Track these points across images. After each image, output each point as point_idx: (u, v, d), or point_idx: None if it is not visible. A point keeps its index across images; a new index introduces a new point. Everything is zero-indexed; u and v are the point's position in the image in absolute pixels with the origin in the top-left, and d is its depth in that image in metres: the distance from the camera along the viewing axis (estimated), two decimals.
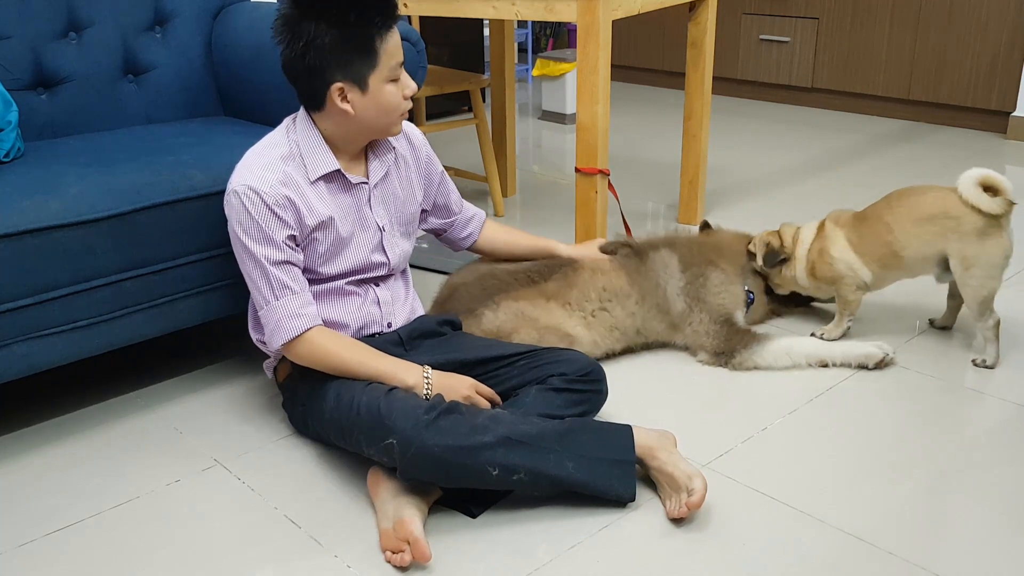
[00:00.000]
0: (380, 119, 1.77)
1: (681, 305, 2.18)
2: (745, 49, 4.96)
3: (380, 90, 1.73)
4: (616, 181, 3.52)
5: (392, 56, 1.72)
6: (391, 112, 1.77)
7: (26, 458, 1.87)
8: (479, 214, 2.18)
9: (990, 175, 1.99)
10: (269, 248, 1.72)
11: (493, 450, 1.55)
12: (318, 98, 1.74)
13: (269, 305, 1.74)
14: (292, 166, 1.76)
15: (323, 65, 1.69)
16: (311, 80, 1.72)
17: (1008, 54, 4.07)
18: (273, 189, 1.72)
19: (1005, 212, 2.01)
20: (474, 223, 2.16)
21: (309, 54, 1.69)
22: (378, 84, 1.72)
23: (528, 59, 5.85)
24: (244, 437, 1.92)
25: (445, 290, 2.20)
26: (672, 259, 2.22)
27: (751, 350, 2.12)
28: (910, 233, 2.10)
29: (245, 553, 1.57)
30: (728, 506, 1.65)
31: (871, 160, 3.86)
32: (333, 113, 1.75)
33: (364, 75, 1.71)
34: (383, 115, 1.76)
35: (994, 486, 1.70)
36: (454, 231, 2.15)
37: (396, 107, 1.76)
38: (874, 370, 2.13)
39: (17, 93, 2.17)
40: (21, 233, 1.74)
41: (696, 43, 2.95)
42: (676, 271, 2.20)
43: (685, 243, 2.29)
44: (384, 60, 1.71)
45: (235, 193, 1.73)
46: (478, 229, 2.17)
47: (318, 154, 1.78)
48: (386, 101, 1.74)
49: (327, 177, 1.79)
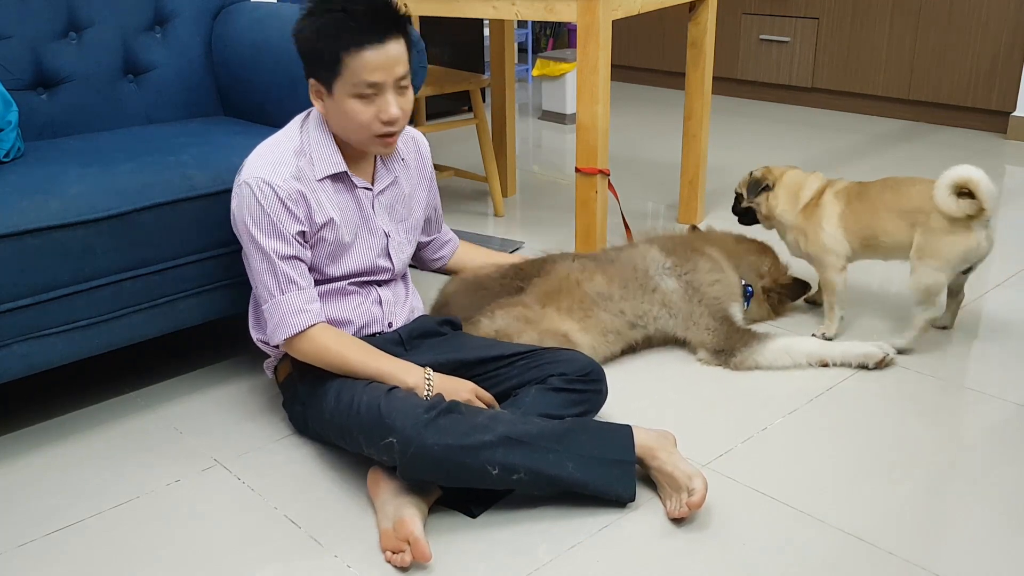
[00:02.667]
0: (348, 130, 1.75)
1: (672, 284, 2.18)
2: (745, 49, 4.95)
3: (343, 101, 1.70)
4: (616, 181, 3.52)
5: (357, 74, 1.66)
6: (358, 129, 1.72)
7: (26, 458, 1.87)
8: (454, 239, 2.22)
9: (970, 179, 1.97)
10: (278, 242, 1.72)
11: (493, 449, 1.55)
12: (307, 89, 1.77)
13: (274, 299, 1.74)
14: (304, 162, 1.76)
15: (303, 58, 1.74)
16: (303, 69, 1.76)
17: (1008, 54, 4.07)
18: (287, 183, 1.72)
19: (974, 215, 2.00)
20: (448, 248, 2.20)
21: (297, 44, 1.73)
22: (342, 95, 1.70)
23: (528, 59, 5.85)
24: (244, 437, 1.92)
25: (440, 298, 2.22)
26: (651, 249, 2.24)
27: (751, 349, 2.12)
28: (891, 221, 2.13)
29: (245, 553, 1.57)
30: (728, 506, 1.65)
31: (871, 160, 3.86)
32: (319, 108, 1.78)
33: (329, 81, 1.70)
34: (350, 128, 1.73)
35: (994, 486, 1.70)
36: (429, 250, 2.17)
37: (364, 126, 1.71)
38: (874, 370, 2.13)
39: (17, 93, 2.17)
40: (21, 233, 1.74)
41: (696, 43, 2.95)
42: (658, 255, 2.21)
43: (664, 237, 2.34)
44: (348, 75, 1.67)
45: (247, 185, 1.72)
46: (450, 254, 2.21)
47: (326, 153, 1.78)
48: (351, 115, 1.71)
49: (334, 177, 1.80)
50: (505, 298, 2.11)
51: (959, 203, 1.99)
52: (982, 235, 2.04)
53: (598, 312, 2.13)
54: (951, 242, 2.04)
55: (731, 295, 2.23)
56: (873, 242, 2.18)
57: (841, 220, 2.20)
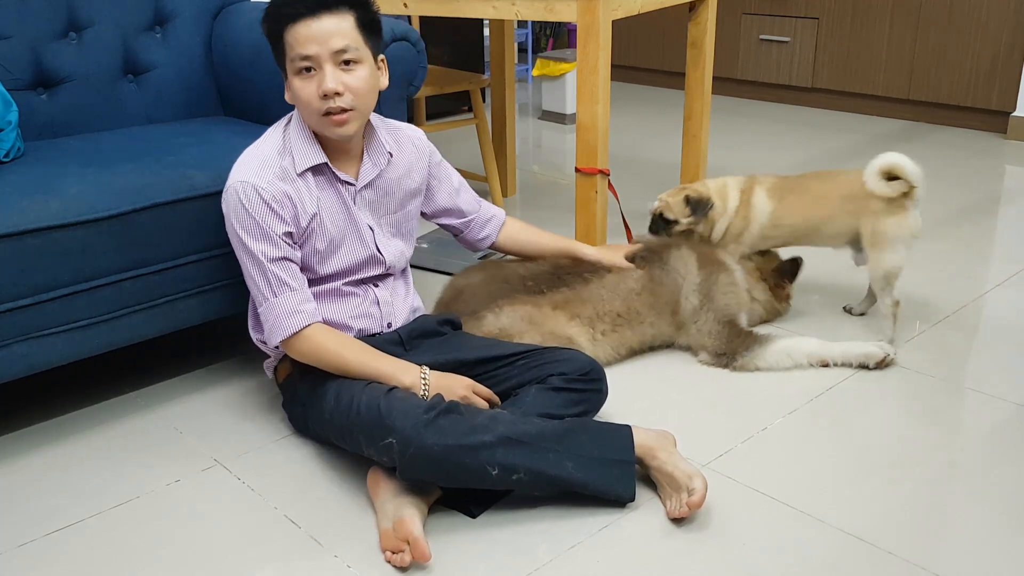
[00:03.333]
0: (304, 116, 1.76)
1: (694, 302, 2.18)
2: (745, 49, 4.95)
3: (292, 82, 1.73)
4: (616, 181, 3.51)
5: (293, 48, 1.68)
6: (306, 109, 1.73)
7: (26, 458, 1.87)
8: (498, 215, 2.16)
9: (893, 164, 2.12)
10: (267, 245, 1.72)
11: (493, 450, 1.55)
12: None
13: (268, 302, 1.74)
14: (286, 160, 1.77)
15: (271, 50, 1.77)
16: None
17: (1008, 54, 4.07)
18: (271, 185, 1.72)
19: (906, 193, 2.14)
20: (492, 224, 2.14)
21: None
22: (290, 76, 1.73)
23: (528, 59, 5.85)
24: (244, 437, 1.92)
25: (449, 291, 2.19)
26: (691, 257, 2.22)
27: (752, 352, 2.12)
28: (831, 210, 2.25)
29: (245, 553, 1.57)
30: (728, 506, 1.65)
31: (871, 160, 3.85)
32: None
33: (281, 64, 1.75)
34: (304, 112, 1.75)
35: (994, 486, 1.70)
36: (471, 232, 2.13)
37: (308, 104, 1.71)
38: (874, 370, 2.13)
39: (17, 93, 2.17)
40: (21, 233, 1.74)
41: (696, 43, 2.95)
42: (694, 269, 2.20)
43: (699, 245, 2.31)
44: (288, 52, 1.70)
45: (232, 189, 1.73)
46: (496, 230, 2.15)
47: (305, 147, 1.78)
48: (297, 95, 1.73)
49: (315, 170, 1.79)
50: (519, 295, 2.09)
51: (891, 185, 2.14)
52: (916, 213, 2.18)
53: (624, 330, 2.13)
54: (895, 223, 2.16)
55: (739, 304, 2.23)
56: (810, 233, 2.30)
57: (772, 217, 2.31)
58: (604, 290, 2.12)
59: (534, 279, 2.12)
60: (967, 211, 3.20)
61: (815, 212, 2.27)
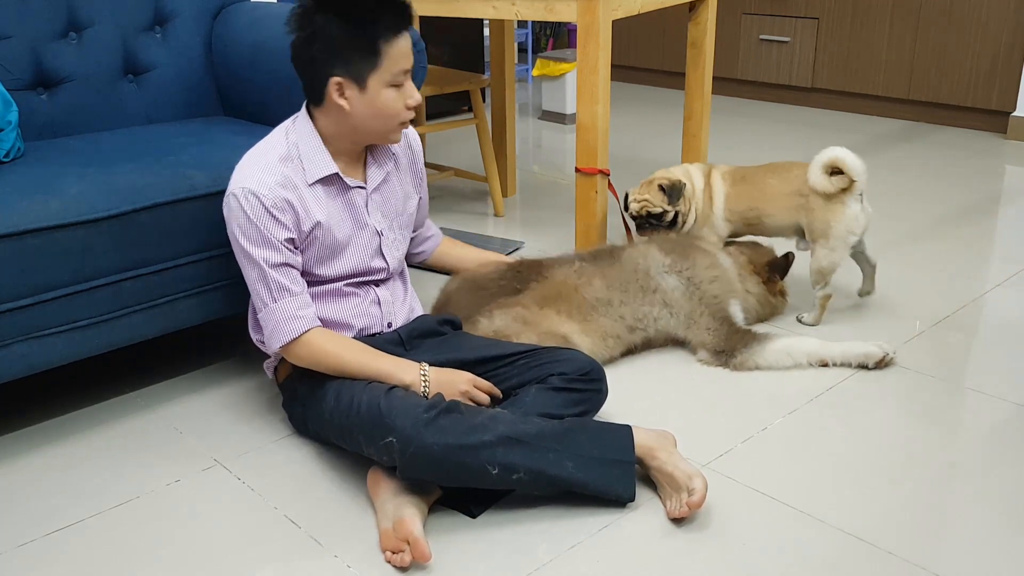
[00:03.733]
0: (376, 122, 1.76)
1: (673, 281, 2.18)
2: (745, 49, 4.95)
3: (378, 93, 1.72)
4: (616, 181, 3.52)
5: (396, 62, 1.71)
6: (389, 118, 1.76)
7: (26, 458, 1.87)
8: (437, 234, 2.22)
9: (837, 158, 2.17)
10: (267, 251, 1.72)
11: (493, 449, 1.55)
12: (318, 91, 1.75)
13: (267, 308, 1.74)
14: (291, 168, 1.76)
15: (325, 57, 1.70)
16: (313, 71, 1.73)
17: (1008, 54, 4.07)
18: (272, 192, 1.72)
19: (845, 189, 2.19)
20: (430, 243, 2.20)
21: (314, 44, 1.70)
22: (377, 86, 1.72)
23: (528, 59, 5.85)
24: (244, 437, 1.92)
25: (441, 297, 2.21)
26: (650, 248, 2.24)
27: (751, 350, 2.12)
28: (777, 204, 2.32)
29: (245, 553, 1.57)
30: (728, 506, 1.65)
31: (871, 160, 3.85)
32: (331, 109, 1.75)
33: (364, 74, 1.71)
34: (380, 119, 1.76)
35: (994, 486, 1.70)
36: (411, 244, 2.16)
37: (395, 114, 1.76)
38: (874, 369, 2.13)
39: (17, 93, 2.17)
40: (21, 233, 1.74)
41: (696, 43, 2.95)
42: (657, 254, 2.21)
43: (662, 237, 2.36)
44: (387, 64, 1.71)
45: (233, 196, 1.73)
46: (431, 249, 2.21)
47: (316, 156, 1.78)
48: (384, 105, 1.74)
49: (325, 180, 1.79)
50: (504, 298, 2.11)
51: (831, 180, 2.19)
52: (857, 208, 2.22)
53: (597, 318, 2.13)
54: (833, 219, 2.21)
55: (730, 292, 2.22)
56: (756, 223, 2.38)
57: (727, 201, 2.40)
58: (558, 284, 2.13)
59: (502, 278, 2.15)
60: (967, 211, 3.20)
61: (761, 203, 2.35)
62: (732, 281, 2.25)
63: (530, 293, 2.12)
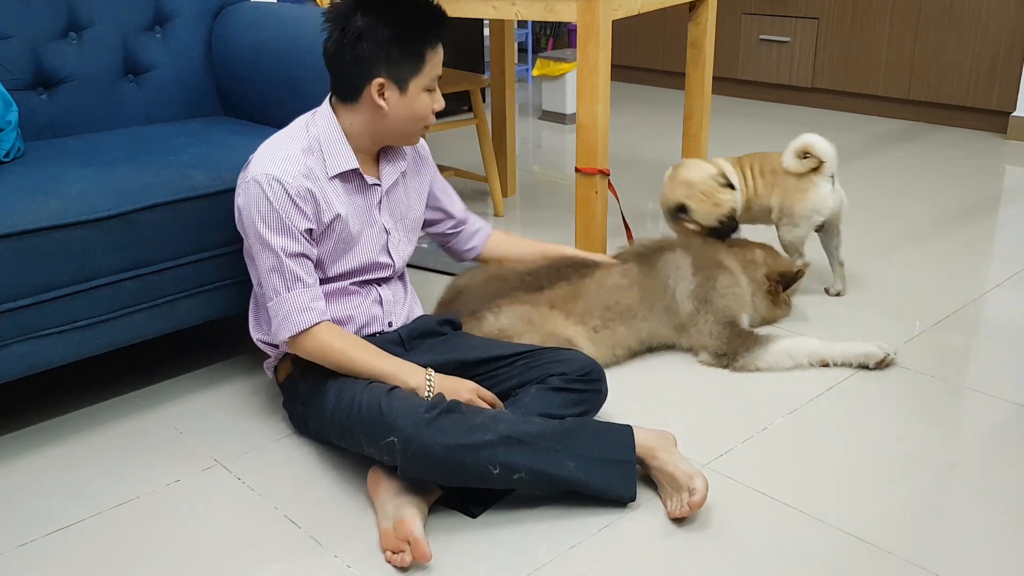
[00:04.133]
0: (408, 124, 1.80)
1: (689, 307, 2.18)
2: (745, 49, 4.95)
3: (417, 96, 1.77)
4: (616, 181, 3.52)
5: (435, 68, 1.77)
6: (419, 120, 1.80)
7: (26, 458, 1.87)
8: (484, 228, 2.18)
9: (807, 142, 2.33)
10: (287, 239, 1.72)
11: (494, 449, 1.55)
12: (356, 89, 1.76)
13: (280, 297, 1.74)
14: (312, 159, 1.77)
15: (372, 58, 1.72)
16: (357, 70, 1.74)
17: (1008, 54, 4.07)
18: (296, 180, 1.72)
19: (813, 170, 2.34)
20: (478, 237, 2.16)
21: (361, 45, 1.71)
22: (417, 89, 1.76)
23: (528, 59, 5.85)
24: (244, 437, 1.92)
25: (450, 291, 2.19)
26: (685, 261, 2.22)
27: (753, 353, 2.12)
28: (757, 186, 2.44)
29: (245, 553, 1.57)
30: (728, 506, 1.65)
31: (871, 160, 3.86)
32: (365, 108, 1.76)
33: (407, 77, 1.74)
34: (412, 121, 1.79)
35: (994, 486, 1.70)
36: (458, 242, 2.15)
37: (425, 117, 1.80)
38: (875, 370, 2.13)
39: (17, 93, 2.17)
40: (21, 233, 1.74)
41: (696, 43, 2.95)
42: (688, 274, 2.20)
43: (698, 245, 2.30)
44: (428, 69, 1.76)
45: (256, 183, 1.72)
46: (482, 243, 2.17)
47: (339, 150, 1.79)
48: (419, 108, 1.78)
49: (344, 175, 1.80)
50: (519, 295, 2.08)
51: (802, 162, 2.35)
52: (827, 189, 2.36)
53: (617, 326, 2.13)
54: (801, 199, 2.37)
55: (742, 306, 2.23)
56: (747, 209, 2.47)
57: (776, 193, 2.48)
58: (593, 284, 2.12)
59: (533, 275, 2.12)
60: (967, 211, 3.20)
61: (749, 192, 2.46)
62: (744, 297, 2.25)
63: (547, 292, 2.09)
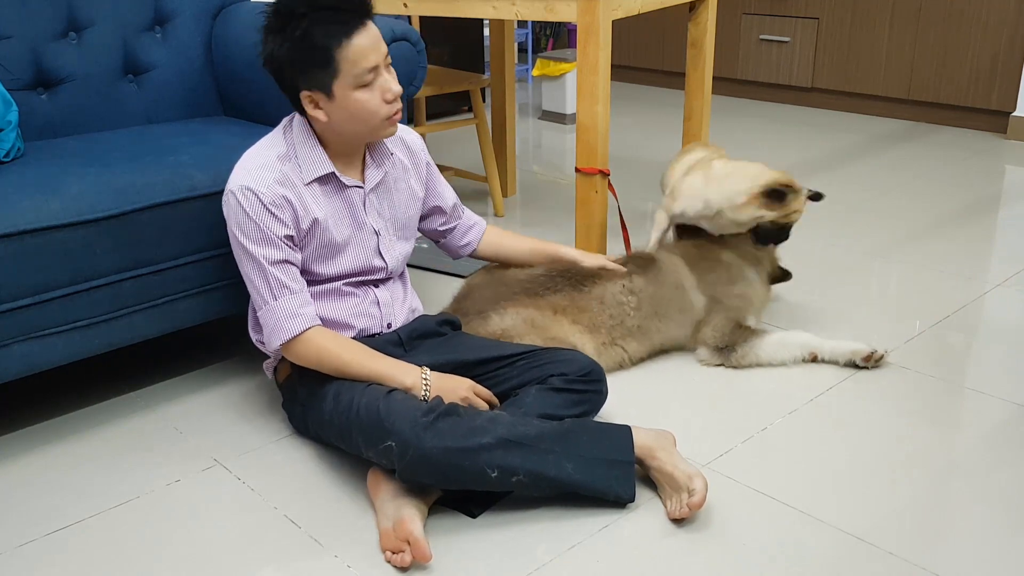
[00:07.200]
0: (356, 125, 1.74)
1: (702, 301, 2.19)
2: (745, 49, 4.95)
3: (347, 97, 1.69)
4: (616, 181, 3.52)
5: (355, 64, 1.67)
6: (369, 117, 1.73)
7: (26, 458, 1.87)
8: (479, 223, 2.17)
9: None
10: (267, 248, 1.73)
11: (492, 452, 1.55)
12: (296, 105, 1.76)
13: (268, 305, 1.74)
14: (289, 166, 1.76)
15: (287, 76, 1.72)
16: (284, 89, 1.75)
17: (1008, 54, 4.07)
18: (270, 189, 1.72)
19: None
20: (473, 232, 2.15)
21: (275, 65, 1.72)
22: (344, 92, 1.69)
23: (528, 59, 5.85)
24: (244, 437, 1.92)
25: (464, 288, 2.19)
26: (680, 262, 2.22)
27: (751, 344, 2.13)
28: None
29: (245, 553, 1.57)
30: (728, 506, 1.65)
31: (871, 160, 3.86)
32: (314, 119, 1.75)
33: (327, 83, 1.69)
34: (358, 121, 1.73)
35: (994, 486, 1.70)
36: (452, 239, 2.14)
37: (373, 112, 1.72)
38: (866, 368, 2.12)
39: (17, 93, 2.17)
40: (21, 233, 1.74)
41: (696, 43, 2.95)
42: (686, 271, 2.20)
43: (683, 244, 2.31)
44: (345, 68, 1.67)
45: (232, 194, 1.73)
46: (477, 238, 2.15)
47: (313, 156, 1.78)
48: (358, 108, 1.71)
49: (321, 179, 1.79)
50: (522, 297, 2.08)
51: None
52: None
53: (628, 343, 2.13)
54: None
55: (754, 309, 2.24)
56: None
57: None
58: (595, 301, 2.10)
59: (531, 282, 2.12)
60: (967, 211, 3.20)
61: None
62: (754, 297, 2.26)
63: (552, 298, 2.08)
